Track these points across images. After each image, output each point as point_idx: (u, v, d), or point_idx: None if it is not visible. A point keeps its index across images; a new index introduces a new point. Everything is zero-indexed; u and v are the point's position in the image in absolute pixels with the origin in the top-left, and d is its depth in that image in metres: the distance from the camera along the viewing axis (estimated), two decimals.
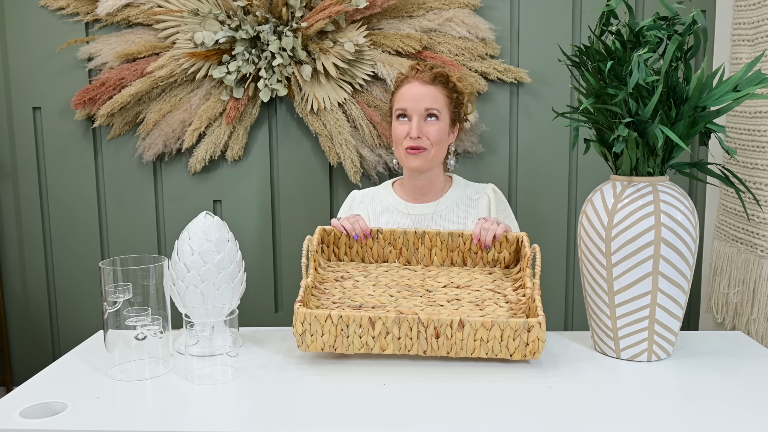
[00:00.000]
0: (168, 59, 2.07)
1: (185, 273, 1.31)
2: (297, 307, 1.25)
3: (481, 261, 1.53)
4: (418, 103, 1.55)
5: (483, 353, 1.25)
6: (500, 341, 1.24)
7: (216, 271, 1.32)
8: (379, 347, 1.26)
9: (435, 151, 1.58)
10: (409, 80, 1.58)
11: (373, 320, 1.24)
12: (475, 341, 1.24)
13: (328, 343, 1.26)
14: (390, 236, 1.52)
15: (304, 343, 1.27)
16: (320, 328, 1.24)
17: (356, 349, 1.27)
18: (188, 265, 1.31)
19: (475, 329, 1.23)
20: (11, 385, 2.33)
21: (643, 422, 1.07)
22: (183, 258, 1.32)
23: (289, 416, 1.11)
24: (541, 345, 1.24)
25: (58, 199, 2.23)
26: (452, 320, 1.23)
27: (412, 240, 1.51)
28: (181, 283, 1.32)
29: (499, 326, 1.23)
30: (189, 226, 1.35)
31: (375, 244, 1.53)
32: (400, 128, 1.57)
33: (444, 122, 1.57)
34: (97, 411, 1.12)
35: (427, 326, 1.24)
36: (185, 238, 1.34)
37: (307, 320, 1.24)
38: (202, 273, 1.31)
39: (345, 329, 1.25)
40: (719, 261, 1.95)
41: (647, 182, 1.31)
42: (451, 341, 1.24)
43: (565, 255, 2.21)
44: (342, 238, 1.53)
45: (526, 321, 1.22)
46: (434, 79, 1.55)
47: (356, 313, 1.24)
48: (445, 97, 1.57)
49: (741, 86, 1.24)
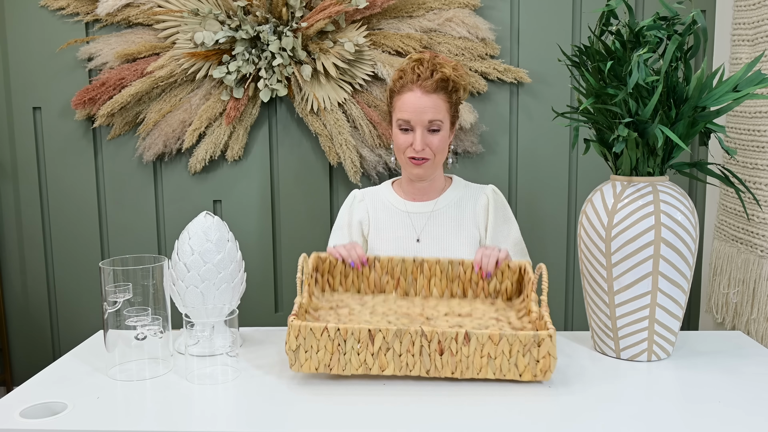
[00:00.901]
0: (168, 59, 2.07)
1: (185, 273, 1.31)
2: (291, 320, 1.19)
3: (483, 292, 1.47)
4: (421, 116, 1.53)
5: (491, 373, 1.18)
6: (509, 358, 1.17)
7: (216, 271, 1.32)
8: (378, 367, 1.19)
9: (437, 159, 1.58)
10: (411, 87, 1.54)
11: (373, 333, 1.17)
12: (482, 358, 1.17)
13: (323, 361, 1.18)
14: (387, 265, 1.46)
15: (297, 362, 1.19)
16: (315, 343, 1.17)
17: (354, 369, 1.19)
18: (188, 265, 1.31)
19: (481, 343, 1.16)
20: (11, 385, 2.33)
21: (643, 422, 1.07)
22: (183, 258, 1.32)
23: (289, 416, 1.11)
24: (553, 362, 1.17)
25: (58, 199, 2.23)
26: (457, 333, 1.16)
27: (411, 269, 1.46)
28: (181, 283, 1.32)
29: (507, 340, 1.16)
30: (189, 226, 1.35)
31: (372, 273, 1.46)
32: (403, 138, 1.56)
33: (445, 130, 1.57)
34: (97, 411, 1.12)
35: (430, 340, 1.16)
36: (185, 238, 1.34)
37: (302, 334, 1.17)
38: (202, 273, 1.31)
39: (342, 345, 1.17)
40: (719, 261, 1.95)
41: (647, 182, 1.31)
42: (456, 358, 1.17)
43: (565, 255, 2.21)
44: (337, 267, 1.46)
45: (536, 334, 1.16)
46: (436, 87, 1.53)
47: (355, 326, 1.17)
48: (446, 103, 1.56)
49: (741, 86, 1.24)
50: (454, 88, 1.56)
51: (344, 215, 1.70)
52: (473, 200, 1.66)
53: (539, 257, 2.16)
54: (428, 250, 1.60)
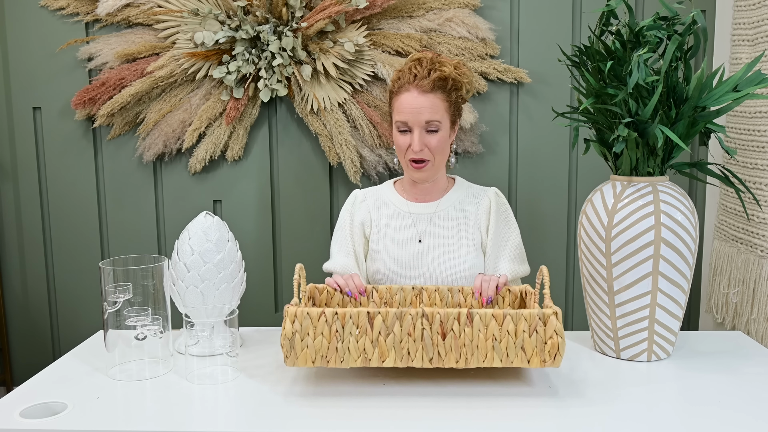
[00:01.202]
0: (168, 59, 2.07)
1: (185, 273, 1.31)
2: (287, 308, 1.16)
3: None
4: (418, 116, 1.53)
5: (497, 360, 1.15)
6: (515, 339, 1.14)
7: (216, 271, 1.32)
8: (378, 357, 1.15)
9: (438, 160, 1.57)
10: (407, 88, 1.54)
11: (372, 316, 1.14)
12: (487, 341, 1.14)
13: (320, 352, 1.15)
14: (386, 294, 1.42)
15: (292, 353, 1.15)
16: (312, 330, 1.15)
17: (352, 361, 1.16)
18: (188, 265, 1.31)
19: (485, 323, 1.13)
20: (11, 385, 2.33)
21: (643, 422, 1.07)
22: (183, 258, 1.32)
23: (289, 416, 1.11)
24: (562, 344, 1.14)
25: (58, 199, 2.23)
26: (459, 313, 1.13)
27: (410, 298, 1.41)
28: (181, 283, 1.32)
29: (511, 318, 1.13)
30: (189, 226, 1.35)
31: (370, 302, 1.41)
32: (402, 139, 1.56)
33: (445, 130, 1.56)
34: (97, 411, 1.12)
35: (432, 322, 1.14)
36: (185, 238, 1.34)
37: (298, 319, 1.15)
38: (202, 273, 1.31)
39: (340, 331, 1.15)
40: (719, 261, 1.95)
41: (647, 182, 1.31)
42: (460, 342, 1.14)
43: (565, 255, 2.21)
44: (334, 297, 1.42)
45: (541, 311, 1.13)
46: (433, 87, 1.53)
47: (353, 310, 1.14)
48: (444, 102, 1.55)
49: (741, 86, 1.24)
50: (453, 87, 1.55)
51: (346, 216, 1.70)
52: (475, 202, 1.65)
53: (539, 257, 2.16)
54: (430, 251, 1.60)
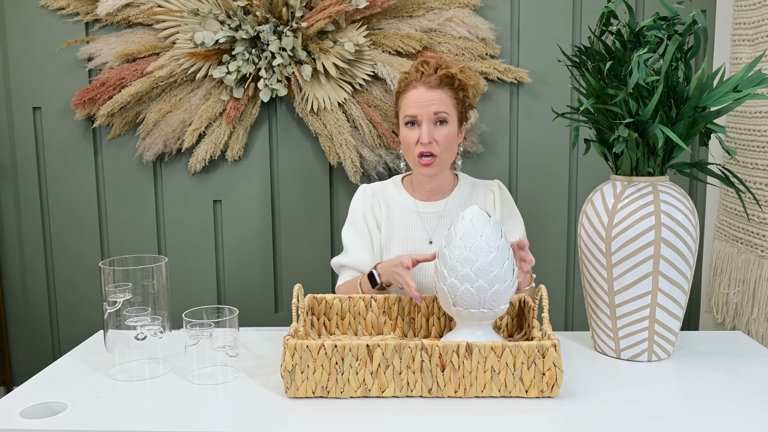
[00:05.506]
0: (168, 59, 2.07)
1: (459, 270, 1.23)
2: (286, 340, 1.15)
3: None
4: (426, 108, 1.54)
5: (495, 390, 1.15)
6: (513, 371, 1.14)
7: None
8: (378, 388, 1.16)
9: (446, 156, 1.58)
10: (415, 85, 1.56)
11: (372, 349, 1.14)
12: (485, 372, 1.14)
13: (320, 383, 1.15)
14: (384, 304, 1.42)
15: (293, 385, 1.16)
16: (312, 362, 1.15)
17: (352, 392, 1.16)
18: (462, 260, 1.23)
19: (484, 356, 1.14)
20: (11, 385, 2.33)
21: (644, 422, 1.07)
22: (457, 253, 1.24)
23: (289, 417, 1.11)
24: (560, 375, 1.14)
25: (58, 199, 2.23)
26: (458, 345, 1.14)
27: (408, 309, 1.42)
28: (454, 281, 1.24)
29: (510, 351, 1.14)
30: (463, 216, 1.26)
31: (369, 313, 1.42)
32: (410, 134, 1.57)
33: (453, 125, 1.57)
34: (97, 411, 1.12)
35: (431, 354, 1.14)
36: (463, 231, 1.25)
37: (297, 353, 1.14)
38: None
39: (340, 363, 1.15)
40: (719, 261, 1.95)
41: (647, 182, 1.31)
42: (459, 374, 1.14)
43: (565, 255, 2.21)
44: (333, 308, 1.42)
45: (540, 344, 1.13)
46: (440, 82, 1.54)
47: (353, 342, 1.14)
48: (452, 98, 1.56)
49: (741, 86, 1.24)
50: (460, 86, 1.57)
51: (358, 210, 1.69)
52: (482, 198, 1.67)
53: (539, 257, 2.16)
54: None
